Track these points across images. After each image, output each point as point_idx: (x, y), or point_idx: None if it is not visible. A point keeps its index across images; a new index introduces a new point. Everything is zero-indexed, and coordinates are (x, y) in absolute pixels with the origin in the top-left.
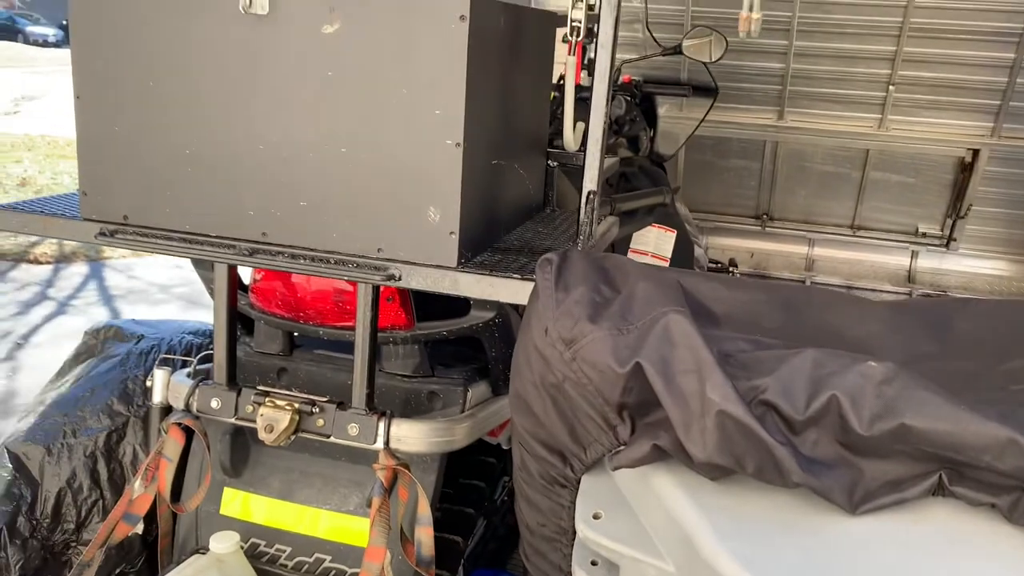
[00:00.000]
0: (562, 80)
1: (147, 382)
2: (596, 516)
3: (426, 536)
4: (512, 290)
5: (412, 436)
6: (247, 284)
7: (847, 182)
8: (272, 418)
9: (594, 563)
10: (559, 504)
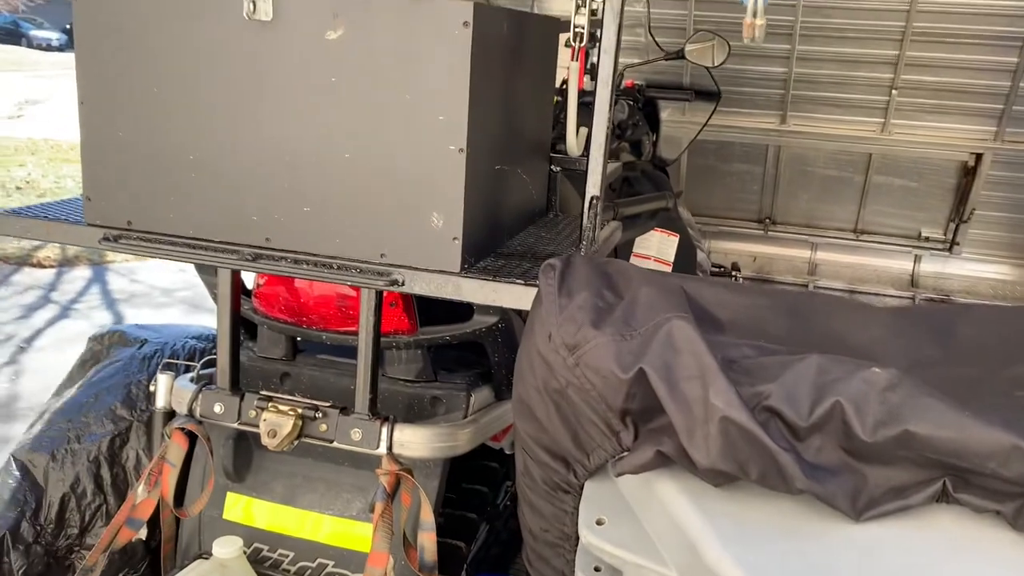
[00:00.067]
0: (565, 85)
1: (150, 387)
2: (599, 522)
3: (429, 541)
4: (515, 295)
5: (415, 441)
6: (250, 289)
7: (850, 186)
8: (275, 423)
9: (597, 569)
10: (562, 510)
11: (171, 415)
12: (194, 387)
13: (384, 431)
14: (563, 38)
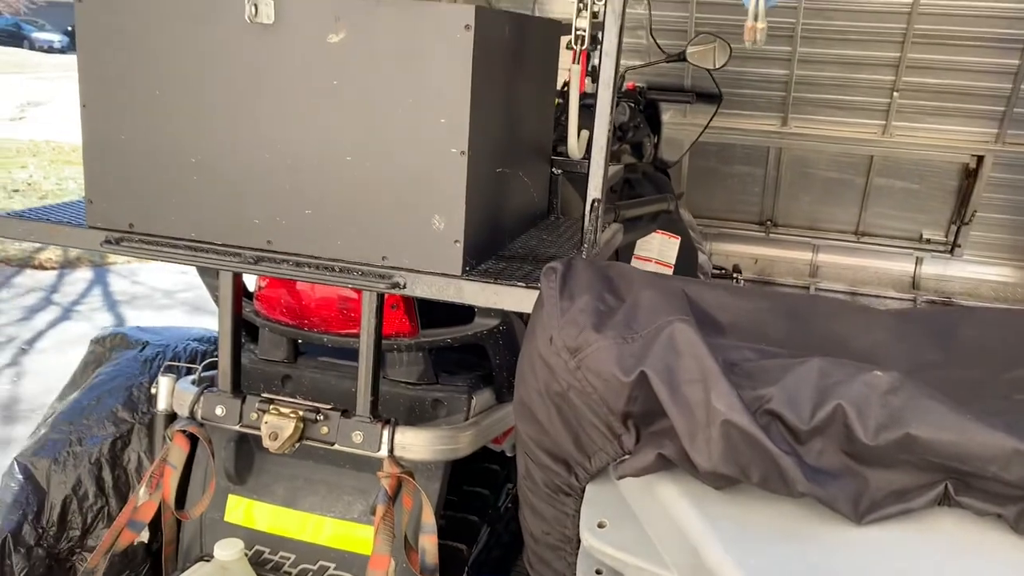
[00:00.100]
0: (566, 87)
1: (152, 389)
2: (601, 525)
3: (430, 544)
4: (517, 298)
5: (416, 444)
6: (252, 291)
7: (851, 188)
8: (276, 425)
9: (599, 572)
10: (564, 513)
11: (172, 417)
12: (195, 389)
13: (385, 434)
14: (564, 40)
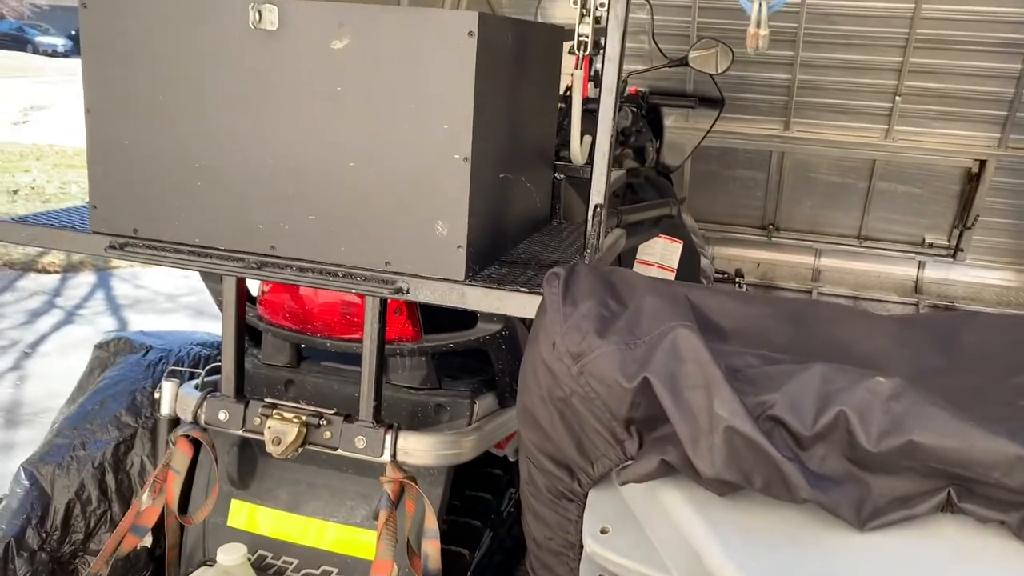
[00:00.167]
0: (569, 92)
1: (155, 394)
2: (603, 531)
3: (433, 549)
4: (519, 304)
5: (419, 449)
6: (255, 296)
7: (853, 193)
8: (279, 430)
9: None
10: (566, 518)
11: (176, 422)
12: (199, 394)
13: (388, 439)
14: (567, 45)
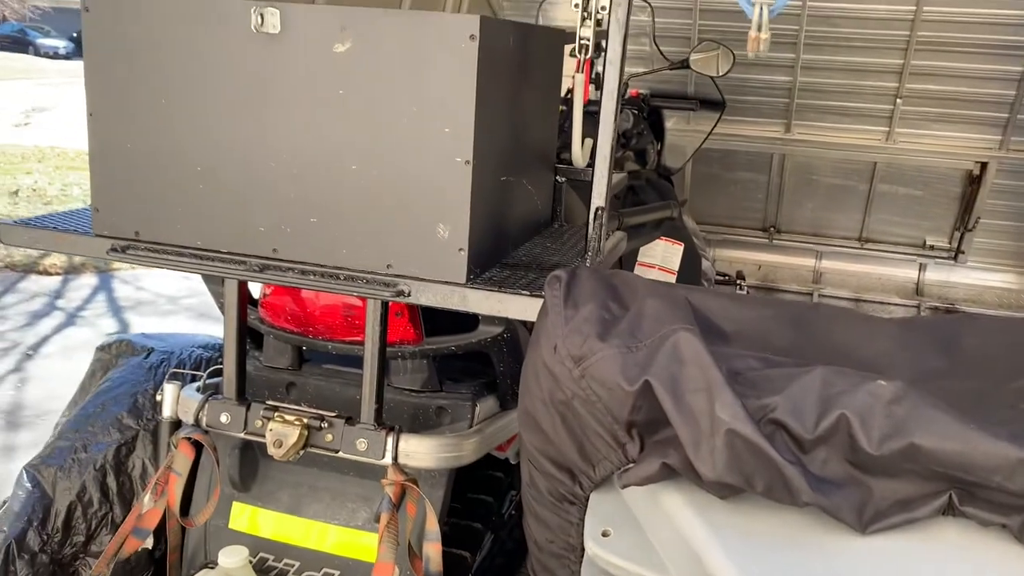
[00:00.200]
0: (570, 94)
1: (157, 396)
2: (605, 533)
3: (434, 551)
4: (521, 306)
5: (420, 451)
6: (257, 298)
7: (854, 195)
8: (281, 433)
9: None
10: (568, 521)
11: (177, 425)
12: (200, 397)
13: (389, 441)
14: (568, 48)
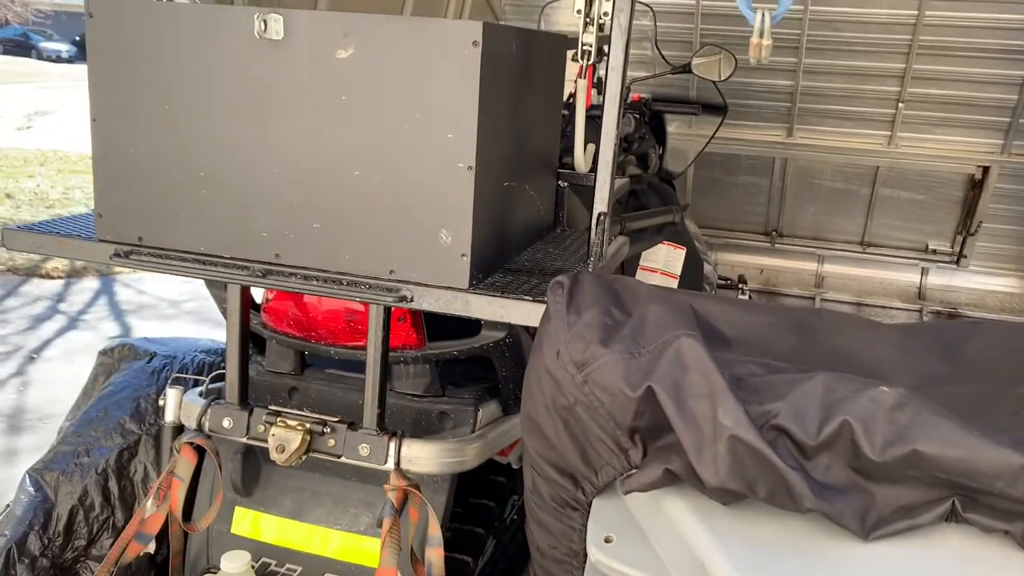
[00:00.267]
0: (572, 99)
1: (159, 401)
2: (607, 539)
3: (436, 557)
4: (523, 312)
5: (423, 457)
6: (259, 303)
7: (856, 199)
8: (283, 438)
9: None
10: (570, 527)
11: (180, 429)
12: (203, 401)
13: (392, 446)
14: (571, 53)
